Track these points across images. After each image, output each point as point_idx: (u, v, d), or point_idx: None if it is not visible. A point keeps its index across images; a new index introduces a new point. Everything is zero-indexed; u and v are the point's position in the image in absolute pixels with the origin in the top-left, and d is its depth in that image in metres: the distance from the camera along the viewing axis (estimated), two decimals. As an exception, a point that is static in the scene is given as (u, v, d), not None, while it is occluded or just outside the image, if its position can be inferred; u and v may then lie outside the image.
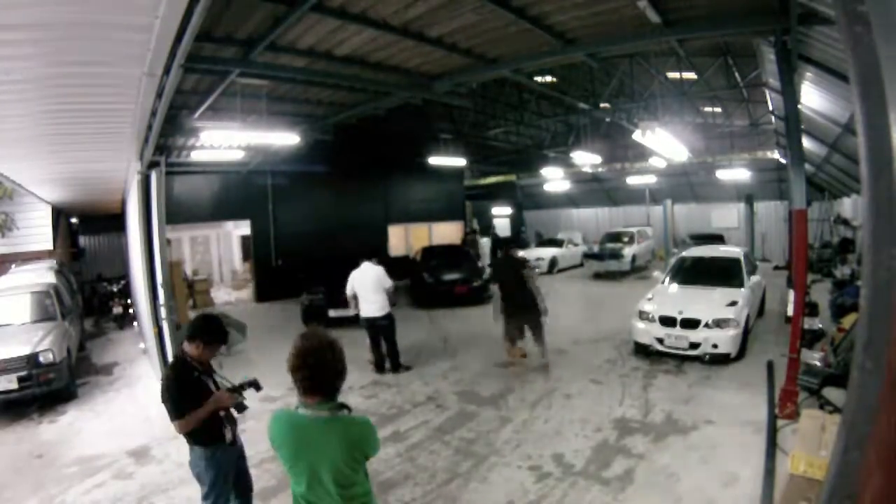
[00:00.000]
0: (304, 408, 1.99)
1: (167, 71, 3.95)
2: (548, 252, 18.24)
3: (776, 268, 15.33)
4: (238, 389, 2.98)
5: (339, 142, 13.74)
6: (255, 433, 5.47)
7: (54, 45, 3.01)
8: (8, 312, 7.22)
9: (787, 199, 15.30)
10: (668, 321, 7.07)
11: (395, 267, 16.33)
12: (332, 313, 10.29)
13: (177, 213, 11.97)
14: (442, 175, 18.27)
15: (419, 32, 6.55)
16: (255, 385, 3.04)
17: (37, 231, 12.15)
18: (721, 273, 8.14)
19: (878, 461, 0.62)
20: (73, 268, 12.45)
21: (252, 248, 15.13)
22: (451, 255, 13.74)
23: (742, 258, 8.40)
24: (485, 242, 20.84)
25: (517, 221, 24.98)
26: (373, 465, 4.65)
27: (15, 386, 6.05)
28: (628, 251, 16.01)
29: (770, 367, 6.31)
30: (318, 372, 1.94)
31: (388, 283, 7.26)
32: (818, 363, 5.52)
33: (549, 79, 12.85)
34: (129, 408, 6.46)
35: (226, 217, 16.06)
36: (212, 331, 3.05)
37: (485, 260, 17.49)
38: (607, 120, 14.43)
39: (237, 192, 14.47)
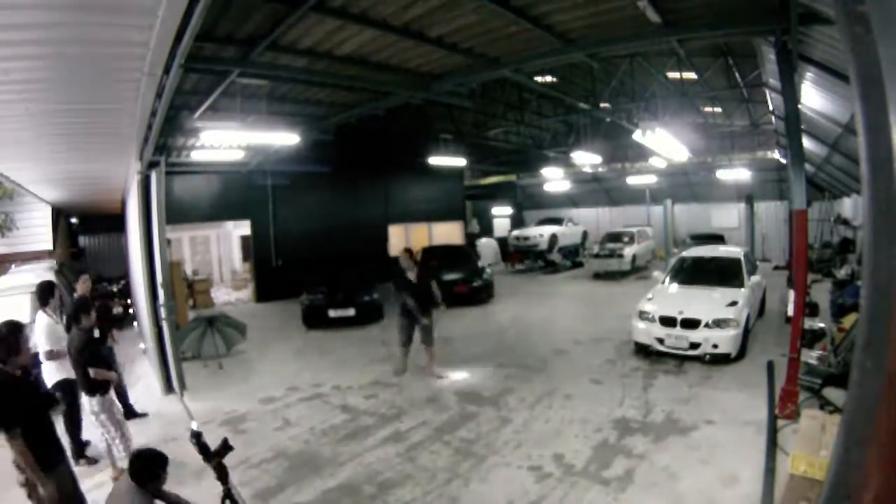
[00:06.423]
0: None
1: (167, 71, 3.95)
2: (547, 230, 18.29)
3: (776, 268, 15.33)
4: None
5: (339, 142, 13.74)
6: (254, 434, 5.50)
7: (54, 45, 3.01)
8: (7, 312, 7.20)
9: (787, 199, 15.31)
10: (668, 321, 7.06)
11: (394, 267, 16.52)
12: (332, 313, 10.31)
13: (177, 213, 11.96)
14: (442, 175, 18.27)
15: (419, 32, 6.55)
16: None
17: (37, 231, 12.14)
18: (721, 273, 8.14)
19: (878, 461, 0.62)
20: (73, 268, 12.43)
21: (252, 248, 15.12)
22: (451, 255, 13.73)
23: (742, 258, 8.40)
24: (485, 242, 20.81)
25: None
26: (373, 466, 4.66)
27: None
28: (628, 251, 16.02)
29: (770, 367, 6.31)
30: None
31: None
32: (818, 363, 5.54)
33: (549, 79, 12.83)
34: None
35: (226, 217, 16.05)
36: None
37: (486, 260, 17.55)
38: (607, 120, 14.41)
39: (237, 192, 14.46)
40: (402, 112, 12.23)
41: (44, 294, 5.05)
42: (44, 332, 4.92)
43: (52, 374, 4.89)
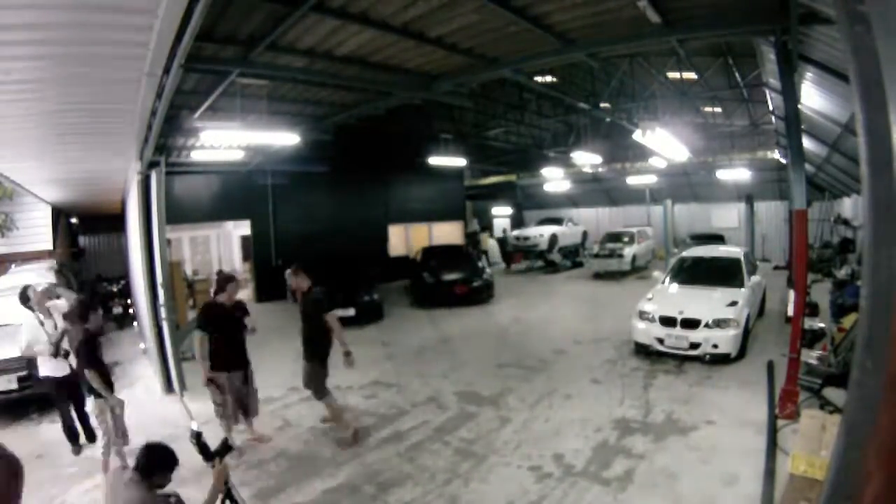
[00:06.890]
0: None
1: (167, 71, 3.94)
2: (547, 230, 18.32)
3: (776, 268, 15.33)
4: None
5: (339, 142, 13.73)
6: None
7: (54, 45, 3.01)
8: (8, 312, 7.21)
9: (787, 199, 15.29)
10: (668, 321, 7.07)
11: (395, 267, 16.56)
12: (332, 313, 10.29)
13: (177, 213, 11.95)
14: (442, 175, 18.27)
15: (419, 32, 6.54)
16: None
17: (37, 231, 12.13)
18: (721, 273, 8.14)
19: (878, 461, 0.62)
20: (73, 268, 12.43)
21: (252, 248, 15.14)
22: (451, 255, 13.74)
23: (742, 258, 8.40)
24: (492, 244, 20.80)
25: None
26: (373, 466, 4.66)
27: (15, 386, 6.04)
28: (628, 251, 16.03)
29: (770, 367, 6.31)
30: None
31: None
32: (818, 363, 5.54)
33: (549, 79, 12.83)
34: (128, 408, 6.44)
35: (226, 217, 16.06)
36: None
37: (492, 257, 17.47)
38: (607, 120, 14.41)
39: (237, 192, 14.46)
40: (402, 112, 12.23)
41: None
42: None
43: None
